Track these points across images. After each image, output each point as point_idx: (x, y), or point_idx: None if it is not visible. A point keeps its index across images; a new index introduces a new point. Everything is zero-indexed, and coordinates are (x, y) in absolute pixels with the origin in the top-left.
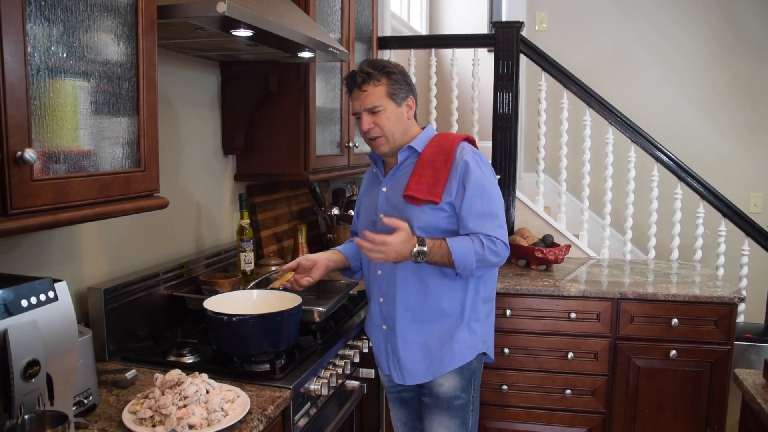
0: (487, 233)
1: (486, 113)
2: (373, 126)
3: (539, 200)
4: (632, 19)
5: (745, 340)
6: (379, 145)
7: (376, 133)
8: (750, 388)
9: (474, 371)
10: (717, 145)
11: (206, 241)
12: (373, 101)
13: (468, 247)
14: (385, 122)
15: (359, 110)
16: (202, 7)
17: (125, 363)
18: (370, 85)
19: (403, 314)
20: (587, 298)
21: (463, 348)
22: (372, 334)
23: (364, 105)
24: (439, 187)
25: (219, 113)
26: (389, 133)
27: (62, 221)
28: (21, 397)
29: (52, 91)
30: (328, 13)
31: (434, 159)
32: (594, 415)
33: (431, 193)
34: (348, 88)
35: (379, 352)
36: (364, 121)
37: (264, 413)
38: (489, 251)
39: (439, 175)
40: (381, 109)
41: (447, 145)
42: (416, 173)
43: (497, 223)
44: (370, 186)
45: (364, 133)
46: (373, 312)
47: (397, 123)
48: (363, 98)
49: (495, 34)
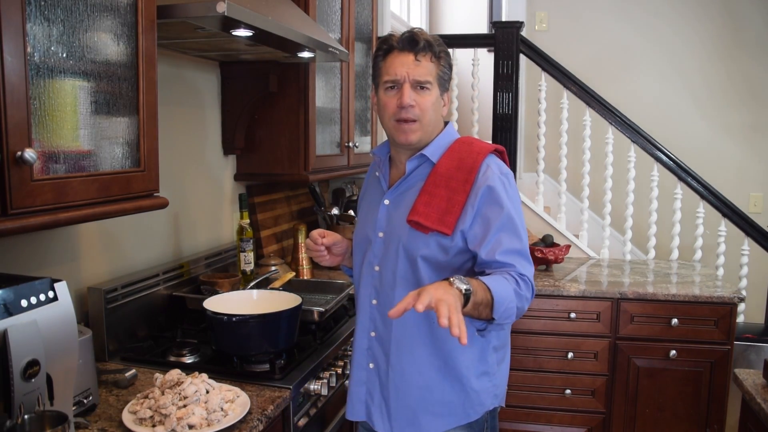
0: (522, 273)
1: (486, 113)
2: (415, 104)
3: (539, 200)
4: (632, 19)
5: (745, 340)
6: (411, 132)
7: (415, 114)
8: (750, 388)
9: (483, 424)
10: (717, 145)
11: (206, 241)
12: (426, 75)
13: (509, 289)
14: (428, 105)
15: (403, 79)
16: (202, 7)
17: (125, 363)
18: (426, 57)
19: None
20: (587, 298)
21: (466, 404)
22: (354, 373)
23: (414, 75)
24: (452, 215)
25: (219, 113)
26: (428, 121)
27: (62, 221)
28: (21, 397)
29: (52, 91)
30: (328, 13)
31: (451, 176)
32: (594, 415)
33: (441, 222)
34: (391, 48)
35: (357, 395)
36: (407, 94)
37: (264, 413)
38: (525, 298)
39: (455, 200)
40: (429, 88)
41: (469, 160)
42: (426, 192)
43: (530, 267)
44: (371, 193)
45: (400, 109)
46: (358, 348)
47: (436, 114)
48: (415, 67)
49: (495, 34)
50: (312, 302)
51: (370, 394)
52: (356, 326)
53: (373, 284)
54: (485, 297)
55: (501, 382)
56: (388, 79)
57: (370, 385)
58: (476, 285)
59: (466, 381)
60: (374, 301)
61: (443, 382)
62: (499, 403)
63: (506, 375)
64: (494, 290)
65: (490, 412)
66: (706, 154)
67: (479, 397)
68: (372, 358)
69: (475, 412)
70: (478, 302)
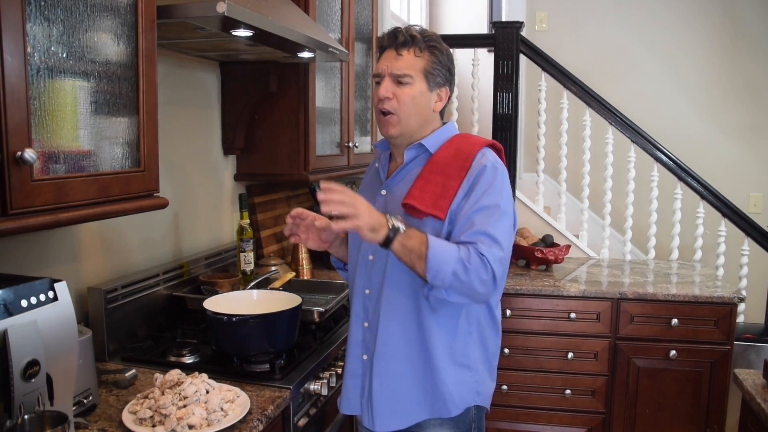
0: (482, 252)
1: (486, 113)
2: (391, 97)
3: (539, 200)
4: (632, 19)
5: (745, 340)
6: (389, 125)
7: (391, 106)
8: (750, 388)
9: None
10: (717, 145)
11: (206, 241)
12: (404, 69)
13: (452, 252)
14: (407, 99)
15: (383, 73)
16: (202, 7)
17: (125, 363)
18: (409, 52)
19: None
20: (587, 298)
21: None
22: (349, 365)
23: (392, 68)
24: (446, 200)
25: (219, 113)
26: (405, 115)
27: (62, 221)
28: (21, 397)
29: (52, 91)
30: (328, 13)
31: (448, 164)
32: (594, 415)
33: (435, 206)
34: (381, 46)
35: (353, 387)
36: (384, 86)
37: (264, 413)
38: (475, 273)
39: (450, 185)
40: (409, 82)
41: (466, 149)
42: (423, 178)
43: (499, 252)
44: (370, 184)
45: (378, 101)
46: (353, 339)
47: (419, 107)
48: (394, 61)
49: (495, 34)
50: (312, 302)
51: (363, 386)
52: (350, 318)
53: (366, 273)
54: (420, 248)
55: (484, 380)
56: (375, 73)
57: (364, 378)
58: (416, 233)
59: (446, 373)
60: (367, 291)
61: (424, 372)
62: (482, 402)
63: (493, 377)
64: (432, 246)
65: (476, 412)
66: (706, 154)
67: (459, 390)
68: (366, 349)
69: (455, 407)
70: (409, 248)
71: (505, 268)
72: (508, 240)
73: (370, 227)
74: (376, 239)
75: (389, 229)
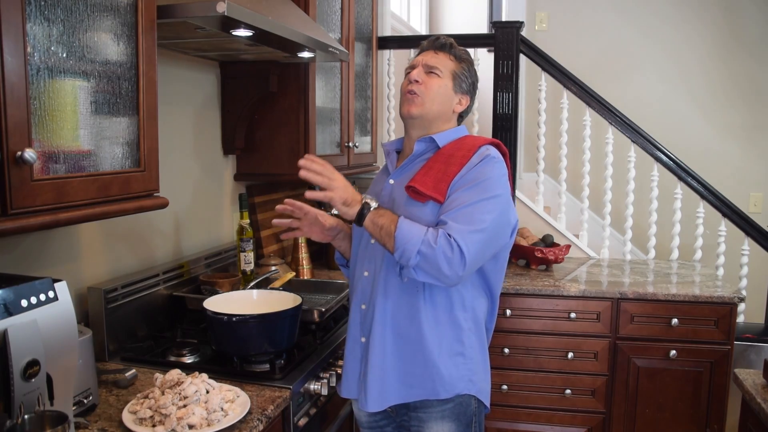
0: (450, 233)
1: (486, 113)
2: (421, 82)
3: (539, 200)
4: (632, 19)
5: (745, 340)
6: (412, 103)
7: (419, 89)
8: (750, 388)
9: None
10: (717, 145)
11: (206, 241)
12: (437, 64)
13: (419, 232)
14: (434, 86)
15: (418, 63)
16: (202, 7)
17: (125, 363)
18: (446, 55)
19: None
20: (587, 298)
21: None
22: (348, 349)
23: (427, 61)
24: (445, 183)
25: (219, 113)
26: (430, 99)
27: (62, 221)
28: (21, 397)
29: (52, 91)
30: (328, 13)
31: (452, 155)
32: (594, 415)
33: (435, 189)
34: (422, 47)
35: (352, 370)
36: (416, 72)
37: (264, 413)
38: (442, 252)
39: (450, 171)
40: (438, 74)
41: (471, 143)
42: (427, 166)
43: (475, 235)
44: (380, 177)
45: (408, 84)
46: (352, 322)
47: (443, 99)
48: (431, 57)
49: (495, 34)
50: (312, 302)
51: (360, 369)
52: (350, 302)
53: (367, 256)
54: (389, 226)
55: (477, 369)
56: (410, 66)
57: (362, 361)
58: (387, 213)
59: (438, 355)
60: (366, 273)
61: (414, 352)
62: (477, 393)
63: (487, 368)
64: (400, 226)
65: (477, 406)
66: (706, 154)
67: (450, 373)
68: (363, 332)
69: (445, 391)
70: (380, 225)
71: (483, 248)
72: (491, 222)
73: (342, 201)
74: (348, 213)
75: (362, 205)
